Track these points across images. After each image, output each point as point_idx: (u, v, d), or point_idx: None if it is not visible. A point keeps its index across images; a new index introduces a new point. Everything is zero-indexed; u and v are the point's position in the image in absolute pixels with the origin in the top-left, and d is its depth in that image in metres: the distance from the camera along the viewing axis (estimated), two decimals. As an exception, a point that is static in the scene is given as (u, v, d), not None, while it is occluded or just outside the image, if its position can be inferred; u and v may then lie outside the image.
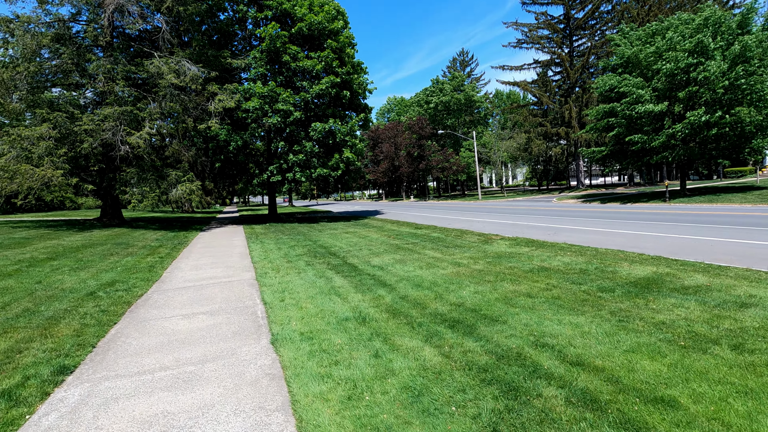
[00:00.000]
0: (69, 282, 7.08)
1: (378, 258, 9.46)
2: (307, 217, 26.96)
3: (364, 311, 5.17)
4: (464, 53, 71.31)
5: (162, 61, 16.88)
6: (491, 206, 29.99)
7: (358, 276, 7.44)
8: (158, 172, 17.96)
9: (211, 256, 10.57)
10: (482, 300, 5.55)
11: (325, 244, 12.21)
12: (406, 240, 12.71)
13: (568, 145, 44.74)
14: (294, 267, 8.54)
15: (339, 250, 10.85)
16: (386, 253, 10.26)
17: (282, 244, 12.49)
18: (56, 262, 8.88)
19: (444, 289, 6.27)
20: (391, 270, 7.95)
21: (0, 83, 15.35)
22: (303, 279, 7.27)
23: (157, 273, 8.26)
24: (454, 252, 9.92)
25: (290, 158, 19.67)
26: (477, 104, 54.32)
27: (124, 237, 14.34)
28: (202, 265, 9.14)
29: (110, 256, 10.07)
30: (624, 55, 25.54)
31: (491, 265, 8.01)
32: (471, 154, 51.49)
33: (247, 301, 5.92)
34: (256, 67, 20.14)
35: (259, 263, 9.13)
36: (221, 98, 17.69)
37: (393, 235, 14.36)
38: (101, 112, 16.09)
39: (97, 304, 5.78)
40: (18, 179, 14.81)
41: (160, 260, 9.77)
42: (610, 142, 27.01)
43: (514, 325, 4.41)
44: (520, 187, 75.12)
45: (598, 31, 46.05)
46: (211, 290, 6.69)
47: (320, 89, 19.86)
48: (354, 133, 22.16)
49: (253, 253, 10.74)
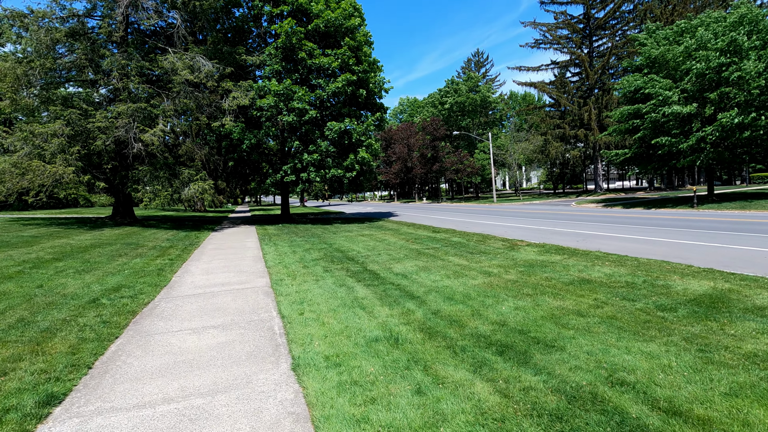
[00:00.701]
0: (72, 286, 6.60)
1: (400, 264, 8.85)
2: (320, 218, 26.48)
3: (395, 329, 4.55)
4: (479, 54, 70.40)
5: (176, 57, 16.51)
6: (508, 210, 29.18)
7: (382, 285, 6.83)
8: (171, 171, 17.60)
9: (222, 258, 10.07)
10: (527, 318, 4.90)
11: (342, 248, 11.63)
12: (426, 244, 12.08)
13: (586, 148, 43.62)
14: (311, 273, 7.97)
15: (357, 255, 10.26)
16: (407, 258, 9.64)
17: (297, 247, 11.95)
18: (62, 263, 8.44)
19: (479, 303, 5.63)
20: (416, 279, 7.33)
21: (14, 79, 15.11)
22: (322, 288, 6.69)
23: (165, 277, 7.76)
24: (480, 259, 9.26)
25: (305, 158, 19.17)
26: (492, 105, 53.41)
27: (135, 236, 13.95)
28: (214, 269, 8.63)
29: (119, 258, 9.63)
30: (650, 54, 24.56)
31: (525, 275, 7.35)
32: (486, 156, 50.62)
33: (263, 313, 5.35)
34: (271, 64, 19.70)
35: (273, 268, 8.58)
36: (235, 95, 17.27)
37: (411, 238, 13.74)
38: (115, 109, 15.77)
39: (98, 313, 5.26)
40: (29, 176, 14.54)
41: (170, 263, 9.29)
42: (634, 145, 26.01)
43: (574, 353, 3.76)
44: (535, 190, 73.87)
45: (619, 31, 44.89)
46: (223, 299, 6.15)
47: (336, 87, 19.34)
48: (370, 132, 21.59)
49: (266, 257, 10.21)
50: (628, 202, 28.71)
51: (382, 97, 23.90)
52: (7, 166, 14.67)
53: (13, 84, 15.01)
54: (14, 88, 15.09)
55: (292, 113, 18.94)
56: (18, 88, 15.15)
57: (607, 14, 43.51)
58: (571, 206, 30.64)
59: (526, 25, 45.36)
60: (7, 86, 15.06)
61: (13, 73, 15.06)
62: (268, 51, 19.68)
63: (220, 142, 20.15)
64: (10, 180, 14.65)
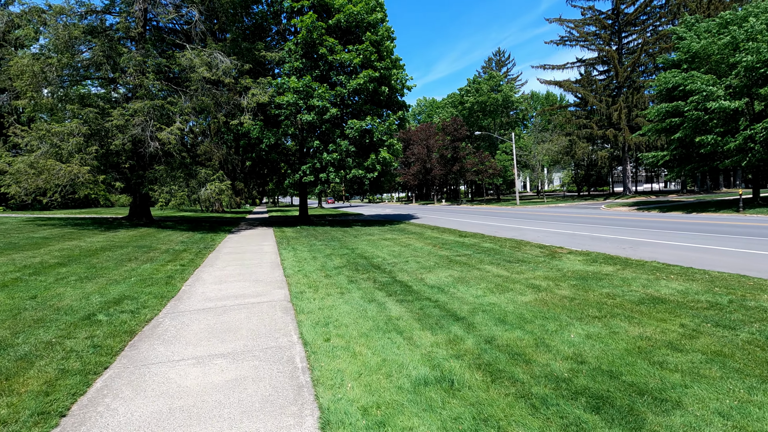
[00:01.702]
0: (69, 297, 5.89)
1: (432, 274, 7.91)
2: (338, 220, 25.71)
3: (446, 366, 3.63)
4: (500, 53, 68.87)
5: (194, 53, 15.97)
6: (533, 212, 27.87)
7: (417, 301, 5.91)
8: (187, 170, 17.07)
9: (238, 264, 9.31)
10: (608, 352, 3.91)
11: (365, 254, 10.75)
12: (456, 250, 11.11)
13: (614, 149, 41.81)
14: (335, 284, 7.10)
15: (383, 262, 9.37)
16: (439, 267, 8.70)
17: (317, 252, 11.13)
18: (65, 268, 7.79)
19: (540, 328, 4.66)
20: (455, 293, 6.39)
21: (31, 76, 14.77)
22: (349, 303, 5.81)
23: (174, 286, 7.01)
24: (522, 269, 8.26)
25: (324, 157, 18.40)
26: (515, 105, 51.92)
27: (149, 238, 13.38)
28: (228, 277, 7.85)
29: (128, 262, 8.96)
30: (690, 48, 23.02)
31: (581, 291, 6.33)
32: (507, 156, 49.18)
33: (281, 337, 4.49)
34: (291, 61, 19.02)
35: (292, 277, 7.75)
36: (254, 92, 16.62)
37: (438, 243, 12.78)
38: (131, 106, 15.30)
39: (91, 333, 4.49)
40: (44, 176, 14.14)
41: (181, 269, 8.57)
42: (672, 145, 24.43)
43: (702, 415, 2.76)
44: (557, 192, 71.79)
45: (650, 27, 42.95)
46: (236, 315, 5.33)
47: (358, 84, 18.52)
48: (392, 131, 20.71)
49: (285, 263, 9.41)
50: (664, 206, 27.07)
51: (404, 94, 22.99)
52: (23, 166, 14.32)
53: (30, 81, 14.67)
54: (32, 86, 14.75)
55: (311, 111, 18.21)
56: (35, 85, 14.81)
57: (637, 9, 41.67)
58: (601, 209, 29.15)
59: (551, 22, 43.84)
60: (24, 84, 14.73)
61: (30, 70, 14.72)
62: (288, 47, 19.02)
63: (237, 142, 19.57)
64: (25, 180, 14.29)
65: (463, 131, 50.15)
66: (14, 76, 14.66)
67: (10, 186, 14.11)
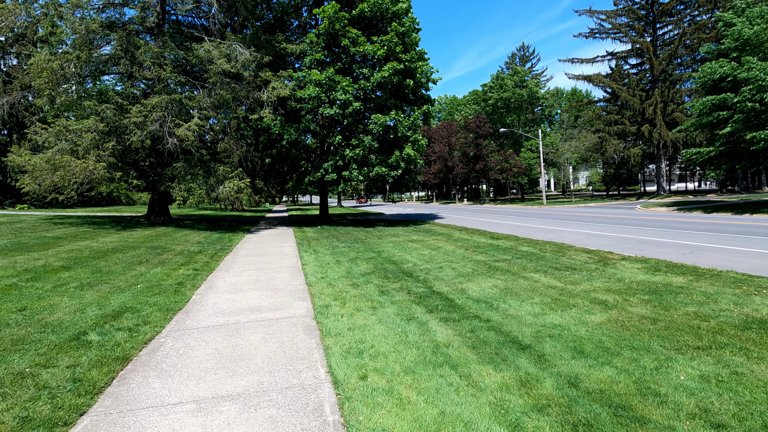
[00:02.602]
0: (62, 309, 5.14)
1: (473, 284, 6.91)
2: (359, 220, 24.86)
3: (530, 429, 2.66)
4: (524, 48, 66.81)
5: (212, 45, 15.32)
6: (563, 212, 26.41)
7: (465, 320, 4.93)
8: (206, 167, 16.47)
9: (255, 269, 8.50)
10: (746, 407, 2.86)
11: (393, 258, 9.81)
12: (492, 255, 10.06)
13: (648, 145, 39.67)
14: (364, 296, 6.17)
15: (414, 269, 8.41)
16: (479, 275, 7.69)
17: (340, 255, 10.24)
18: (68, 273, 7.11)
19: (633, 363, 3.62)
20: (507, 309, 5.38)
21: (50, 72, 14.37)
22: (384, 322, 4.87)
23: (184, 295, 6.21)
24: (575, 279, 7.19)
25: (346, 153, 17.53)
26: (540, 101, 50.09)
27: (164, 238, 12.77)
28: (243, 285, 7.03)
29: (137, 266, 8.26)
30: (741, 35, 21.23)
31: (659, 309, 5.25)
32: (533, 154, 47.45)
33: (305, 371, 3.59)
34: (312, 54, 18.22)
35: (315, 286, 6.86)
36: (275, 86, 15.87)
37: (470, 246, 11.74)
38: (149, 102, 14.76)
39: (75, 361, 3.69)
40: (60, 172, 13.71)
41: (194, 274, 7.80)
42: (718, 141, 22.64)
43: None
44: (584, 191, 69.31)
45: (687, 17, 40.57)
46: (250, 336, 4.46)
47: (382, 77, 17.57)
48: (416, 127, 19.70)
49: (306, 268, 8.55)
50: (707, 206, 25.22)
51: (428, 89, 21.93)
52: (40, 162, 13.93)
53: (48, 78, 14.27)
54: (50, 83, 14.34)
55: (334, 105, 17.36)
56: (54, 82, 14.40)
57: (674, -2, 39.38)
58: (636, 210, 27.46)
59: (580, 14, 41.90)
60: (43, 81, 14.34)
61: (48, 68, 14.33)
62: (309, 39, 18.23)
63: (257, 138, 18.90)
64: (41, 177, 13.90)
65: (487, 128, 48.63)
66: (34, 74, 14.29)
67: (27, 183, 13.72)
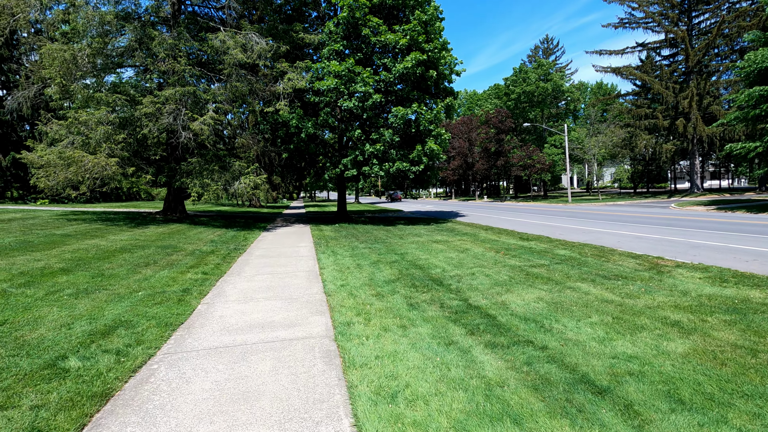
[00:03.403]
0: (47, 324, 4.49)
1: (514, 296, 6.03)
2: (378, 218, 24.06)
3: None
4: (548, 40, 64.67)
5: (228, 35, 14.69)
6: (592, 211, 25.03)
7: (516, 347, 4.06)
8: (221, 162, 15.90)
9: (269, 273, 7.78)
10: None
11: (418, 261, 8.97)
12: (527, 259, 9.12)
13: (682, 141, 37.63)
14: (390, 310, 5.35)
15: (443, 275, 7.55)
16: (518, 284, 6.79)
17: (361, 258, 9.45)
18: (66, 277, 6.51)
19: (758, 422, 2.70)
20: (563, 331, 4.49)
21: (61, 62, 13.97)
22: (418, 348, 4.04)
23: (188, 305, 5.51)
24: (630, 290, 6.25)
25: (366, 148, 16.72)
26: (565, 95, 48.25)
27: (177, 237, 12.22)
28: (255, 292, 6.30)
29: (143, 268, 7.64)
30: (794, 20, 19.50)
31: (749, 334, 4.30)
32: (557, 150, 45.76)
33: (324, 423, 2.78)
34: (330, 44, 17.43)
35: (335, 296, 6.08)
36: (291, 76, 15.16)
37: (500, 248, 10.81)
38: (162, 93, 14.24)
39: (41, 401, 2.98)
40: (73, 168, 13.30)
41: (203, 278, 7.12)
42: (767, 136, 20.98)
43: None
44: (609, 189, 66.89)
45: (726, 4, 38.22)
46: (258, 365, 3.69)
47: (404, 68, 16.66)
48: (439, 120, 18.73)
49: (324, 273, 7.78)
50: (750, 205, 23.52)
51: (452, 81, 20.91)
52: (53, 157, 13.55)
53: (60, 68, 13.87)
54: (61, 72, 13.95)
55: (353, 97, 16.56)
56: (65, 72, 13.99)
57: (711, -15, 37.11)
58: (671, 209, 25.86)
59: (610, 2, 39.96)
60: (55, 71, 13.95)
61: (61, 56, 13.93)
62: (328, 28, 17.44)
63: (275, 132, 18.27)
64: (54, 172, 13.53)
65: (509, 123, 47.10)
66: (46, 64, 13.91)
67: (40, 179, 13.37)
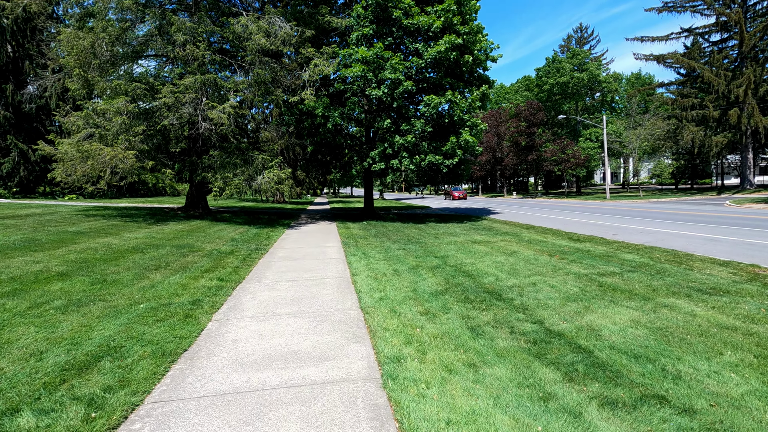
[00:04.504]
0: (14, 353, 3.52)
1: (598, 316, 4.75)
2: (406, 214, 22.85)
3: None
4: (582, 29, 61.53)
5: (250, 20, 13.74)
6: (636, 208, 23.04)
7: (648, 407, 2.81)
8: (243, 155, 15.03)
9: (294, 279, 6.72)
10: None
11: (463, 266, 7.73)
12: (590, 265, 7.78)
13: (735, 132, 34.74)
14: (449, 337, 4.16)
15: (498, 285, 6.30)
16: (595, 299, 5.50)
17: (396, 262, 8.29)
18: (61, 284, 5.61)
19: None
20: (697, 377, 3.21)
21: (80, 50, 13.34)
22: (505, 409, 2.83)
23: (196, 323, 4.48)
24: (748, 311, 4.98)
25: (396, 140, 15.52)
26: (602, 85, 45.61)
27: (195, 234, 11.37)
28: (277, 305, 5.24)
29: (153, 272, 6.71)
30: None
31: None
32: (592, 144, 43.33)
33: None
34: (359, 29, 16.27)
35: (374, 314, 4.92)
36: (317, 62, 14.09)
37: (553, 251, 9.46)
38: (181, 82, 13.43)
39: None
40: (90, 162, 12.64)
41: (218, 286, 6.12)
42: None
43: None
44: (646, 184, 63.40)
45: (786, -17, 34.91)
46: (280, 429, 2.59)
47: (438, 52, 15.34)
48: (474, 110, 17.32)
49: (357, 280, 6.65)
50: (822, 203, 21.09)
51: (487, 68, 19.42)
52: (71, 149, 12.94)
53: (78, 57, 13.23)
54: (80, 62, 13.31)
55: (382, 85, 15.37)
56: (84, 60, 13.35)
57: (770, -38, 33.92)
58: (727, 206, 23.59)
59: (654, -15, 37.07)
60: (72, 59, 13.33)
61: (80, 44, 13.29)
62: (356, 11, 16.26)
63: (300, 124, 17.29)
64: (71, 166, 12.93)
65: (540, 116, 44.90)
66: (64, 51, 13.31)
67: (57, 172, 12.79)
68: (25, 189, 27.97)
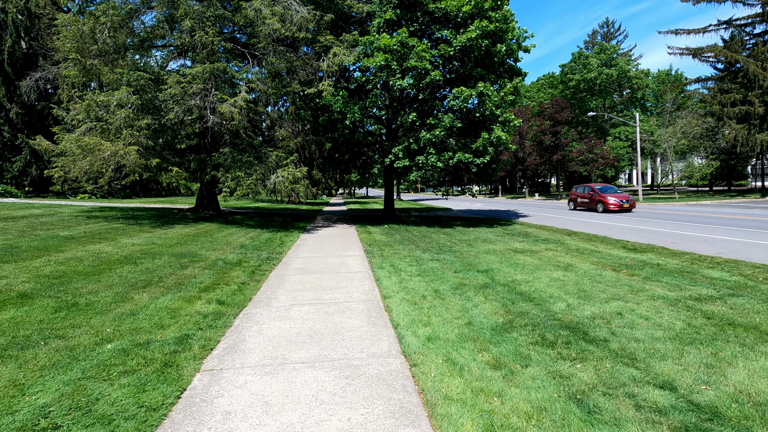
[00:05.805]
0: None
1: (743, 373, 3.27)
2: (428, 217, 21.40)
3: None
4: (608, 24, 59.15)
5: (264, 3, 12.52)
6: (678, 212, 21.07)
7: None
8: (256, 152, 13.85)
9: (311, 302, 5.38)
10: None
11: (518, 286, 6.28)
12: (672, 284, 6.27)
13: (781, 130, 32.24)
14: (548, 416, 2.75)
15: (575, 316, 4.85)
16: (717, 340, 4.03)
17: (434, 278, 6.88)
18: (14, 311, 4.37)
19: None
20: None
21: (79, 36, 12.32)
22: None
23: (177, 378, 3.17)
24: None
25: (423, 135, 14.12)
26: (632, 81, 43.31)
27: (201, 240, 10.17)
28: (290, 346, 3.89)
29: (141, 290, 5.46)
30: None
31: None
32: (621, 143, 41.11)
33: None
34: (381, 14, 14.93)
35: (425, 367, 3.53)
36: (336, 51, 12.79)
37: (614, 264, 7.95)
38: (189, 72, 12.30)
39: None
40: (89, 158, 11.59)
41: (216, 312, 4.82)
42: None
43: None
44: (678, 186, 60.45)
45: (838, -31, 32.27)
46: None
47: (468, 39, 13.89)
48: (506, 104, 15.79)
49: (392, 306, 5.28)
50: None
51: (519, 59, 17.84)
52: (70, 145, 11.92)
53: (77, 41, 12.21)
54: (78, 46, 12.28)
55: (407, 76, 13.98)
56: (82, 46, 12.33)
57: (821, -54, 31.35)
58: (781, 210, 21.46)
59: (691, -25, 34.88)
60: (70, 44, 12.32)
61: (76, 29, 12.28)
62: (379, -5, 14.94)
63: (316, 120, 16.04)
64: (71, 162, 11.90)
65: (566, 114, 42.78)
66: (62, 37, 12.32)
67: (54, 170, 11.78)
68: (38, 188, 27.46)
